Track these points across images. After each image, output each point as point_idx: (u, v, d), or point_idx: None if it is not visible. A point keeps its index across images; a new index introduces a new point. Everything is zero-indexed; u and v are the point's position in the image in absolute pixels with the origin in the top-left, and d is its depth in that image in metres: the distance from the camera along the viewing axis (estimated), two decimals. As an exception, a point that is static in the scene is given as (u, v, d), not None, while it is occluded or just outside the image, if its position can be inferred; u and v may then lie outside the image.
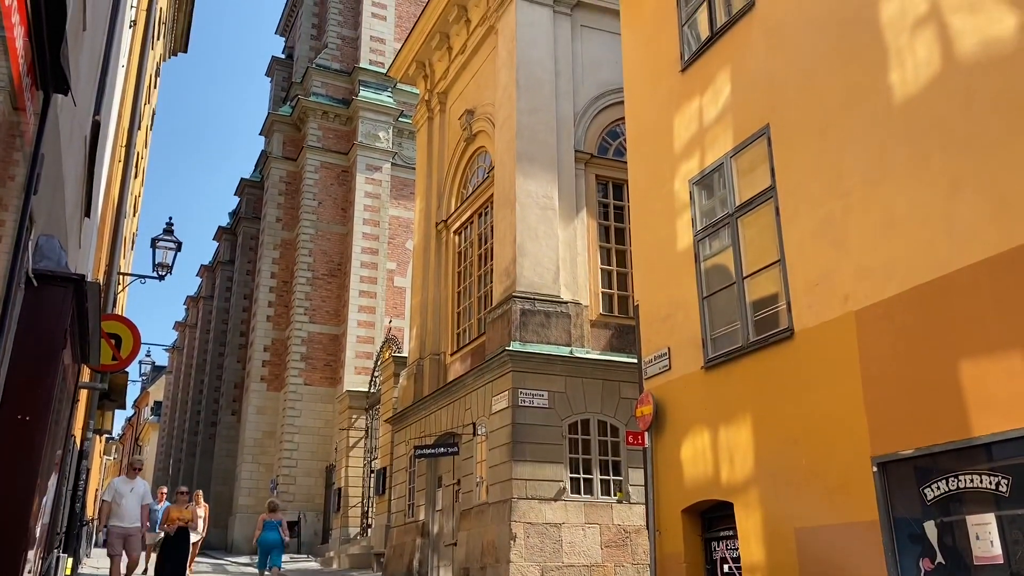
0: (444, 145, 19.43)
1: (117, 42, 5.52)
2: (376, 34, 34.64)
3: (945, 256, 5.44)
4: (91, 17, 3.81)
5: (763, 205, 7.36)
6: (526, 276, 14.23)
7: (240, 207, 40.47)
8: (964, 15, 5.61)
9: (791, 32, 7.35)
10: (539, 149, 15.22)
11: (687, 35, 9.12)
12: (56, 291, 3.21)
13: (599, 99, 16.20)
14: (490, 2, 17.28)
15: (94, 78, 4.39)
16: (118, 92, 7.31)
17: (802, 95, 7.06)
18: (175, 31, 23.52)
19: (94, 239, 7.71)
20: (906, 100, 5.96)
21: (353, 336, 30.29)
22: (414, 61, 20.72)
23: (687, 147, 8.69)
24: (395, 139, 33.49)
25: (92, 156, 4.89)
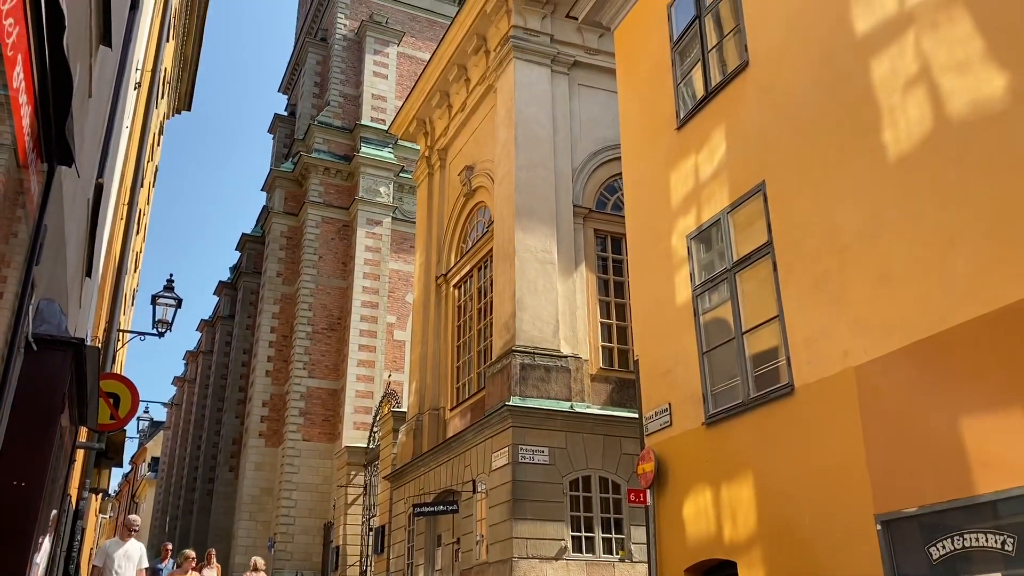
0: (444, 200, 19.61)
1: (122, 105, 5.62)
2: (377, 92, 35.20)
3: (943, 312, 5.45)
4: (97, 83, 3.89)
5: (760, 261, 7.40)
6: (525, 330, 14.23)
7: (241, 262, 40.63)
8: (954, 75, 5.71)
9: (784, 91, 7.48)
10: (538, 204, 15.36)
11: (682, 93, 9.28)
12: (55, 355, 3.22)
13: (597, 155, 16.40)
14: (489, 62, 17.61)
15: (98, 141, 4.46)
16: (121, 152, 7.41)
17: (797, 153, 7.15)
18: (179, 89, 23.90)
19: (94, 298, 7.74)
20: (899, 158, 6.04)
21: (352, 391, 30.14)
22: (415, 119, 21.03)
23: (684, 203, 8.77)
24: (396, 194, 33.79)
25: (95, 217, 4.94)
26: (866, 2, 6.64)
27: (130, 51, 5.74)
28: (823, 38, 7.09)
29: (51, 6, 1.78)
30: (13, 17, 1.52)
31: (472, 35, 18.09)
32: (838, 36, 6.89)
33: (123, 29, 4.94)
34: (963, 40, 5.69)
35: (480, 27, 17.86)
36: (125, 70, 5.22)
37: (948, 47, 5.80)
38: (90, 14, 3.23)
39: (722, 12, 8.82)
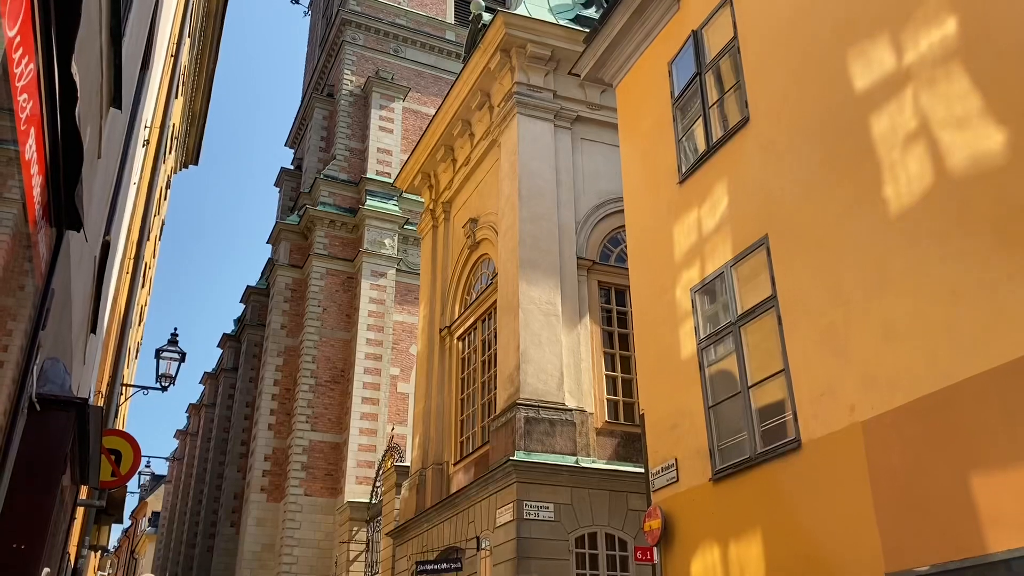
0: (448, 253, 19.70)
1: (130, 163, 5.69)
2: (383, 146, 35.63)
3: (949, 366, 5.43)
4: (106, 144, 3.95)
5: (765, 314, 7.39)
6: (530, 383, 14.16)
7: (245, 314, 40.68)
8: (953, 131, 5.78)
9: (785, 146, 7.56)
10: (542, 256, 15.42)
11: (684, 148, 9.37)
12: (59, 416, 3.21)
13: (600, 208, 16.51)
14: (493, 117, 17.85)
15: (106, 200, 4.51)
16: (129, 209, 7.49)
17: (799, 207, 7.20)
18: (187, 144, 24.22)
19: (99, 353, 7.74)
20: (901, 212, 6.07)
21: (355, 444, 29.89)
22: (420, 172, 21.25)
23: (687, 256, 8.81)
24: (400, 246, 33.96)
25: (101, 275, 4.97)
26: (864, 59, 6.75)
27: (140, 111, 5.84)
28: (822, 94, 7.18)
29: (64, 80, 1.83)
30: (28, 92, 1.56)
31: (476, 91, 18.36)
32: (837, 92, 6.98)
33: (133, 90, 5.03)
34: (961, 96, 5.77)
35: (484, 83, 18.14)
36: (134, 130, 5.30)
37: (946, 103, 5.87)
38: (102, 78, 3.30)
39: (723, 69, 8.96)
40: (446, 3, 39.67)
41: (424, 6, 39.12)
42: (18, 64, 1.47)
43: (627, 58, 11.04)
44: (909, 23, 6.31)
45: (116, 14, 3.22)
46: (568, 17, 18.14)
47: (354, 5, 37.57)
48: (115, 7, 3.15)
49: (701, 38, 9.32)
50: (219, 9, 19.06)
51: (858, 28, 6.88)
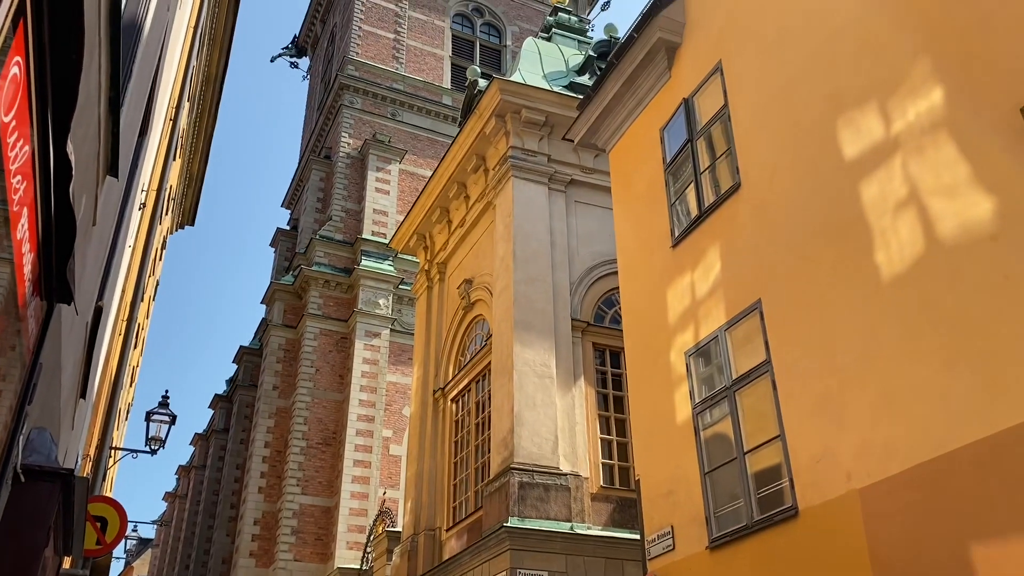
0: (442, 314, 19.68)
1: (125, 228, 5.71)
2: (379, 207, 35.91)
3: (944, 434, 5.39)
4: (102, 212, 3.97)
5: (760, 379, 7.36)
6: (524, 447, 14.01)
7: (238, 374, 40.40)
8: (942, 199, 5.85)
9: (777, 212, 7.63)
10: (536, 317, 15.41)
11: (677, 212, 9.46)
12: (43, 487, 3.15)
13: (594, 269, 16.57)
14: (488, 180, 18.04)
15: (100, 266, 4.51)
16: (123, 273, 7.49)
17: (792, 272, 7.23)
18: (184, 205, 24.38)
19: (88, 417, 7.65)
20: (893, 278, 6.10)
21: (346, 508, 29.39)
22: (415, 234, 21.37)
23: (681, 320, 8.81)
24: (395, 306, 33.96)
25: (92, 340, 4.94)
26: (853, 128, 6.87)
27: (137, 177, 5.88)
28: (813, 161, 7.29)
29: (59, 159, 1.84)
30: (22, 174, 1.57)
31: (472, 154, 18.59)
32: (827, 159, 7.08)
33: (131, 157, 5.08)
34: (949, 164, 5.85)
35: (480, 147, 18.38)
36: (131, 195, 5.33)
37: (934, 171, 5.95)
38: (99, 147, 3.33)
39: (714, 135, 9.10)
40: (443, 69, 40.45)
41: (421, 72, 39.87)
42: (12, 148, 1.48)
43: (620, 124, 11.22)
44: (896, 93, 6.44)
45: (115, 85, 3.27)
46: (562, 84, 18.48)
47: (352, 70, 38.28)
48: (115, 78, 3.19)
49: (692, 106, 9.49)
50: (218, 74, 19.39)
51: (847, 98, 7.02)
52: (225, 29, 18.06)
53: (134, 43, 4.07)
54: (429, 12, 41.11)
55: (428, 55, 40.37)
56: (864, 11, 7.07)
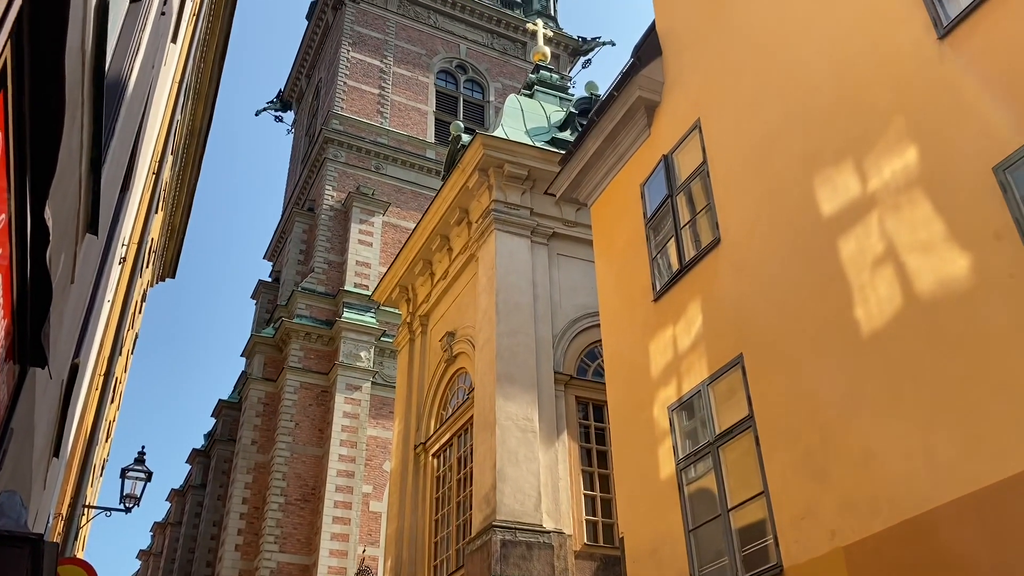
0: (424, 366, 19.57)
1: (105, 284, 5.66)
2: (362, 259, 35.93)
3: (928, 490, 5.37)
4: (81, 269, 3.93)
5: (743, 435, 7.34)
6: (507, 503, 13.83)
7: (216, 428, 39.83)
8: (919, 255, 5.92)
9: (757, 266, 7.70)
10: (519, 370, 15.34)
11: (658, 266, 9.52)
12: (11, 552, 3.05)
13: (577, 322, 16.58)
14: (471, 233, 18.12)
15: (77, 323, 4.46)
16: (101, 328, 7.40)
17: (772, 327, 7.27)
18: (165, 258, 24.28)
19: (61, 475, 7.49)
20: (873, 334, 6.14)
21: (324, 567, 28.76)
22: (397, 286, 21.34)
23: (664, 374, 8.80)
24: (376, 358, 33.75)
25: (67, 397, 4.86)
26: (830, 185, 6.98)
27: (117, 232, 5.86)
28: (791, 218, 7.38)
29: (37, 225, 1.83)
30: (-4, 241, 1.57)
31: (455, 208, 18.70)
32: (805, 216, 7.17)
33: (111, 213, 5.06)
34: (925, 222, 5.94)
35: (463, 200, 18.50)
36: (110, 251, 5.30)
37: (911, 228, 6.04)
38: (79, 206, 3.31)
39: (694, 190, 9.21)
40: (427, 123, 40.90)
41: (406, 126, 40.30)
42: (-12, 215, 1.47)
43: (600, 180, 11.34)
44: (872, 151, 6.56)
45: (97, 144, 3.27)
46: (544, 139, 18.72)
47: (337, 125, 38.64)
48: (96, 138, 3.20)
49: (672, 162, 9.63)
50: (203, 127, 19.50)
51: (823, 155, 7.15)
52: (210, 84, 18.22)
53: (118, 101, 4.08)
54: (414, 68, 41.73)
55: (412, 110, 40.86)
56: (839, 70, 7.24)
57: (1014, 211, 5.30)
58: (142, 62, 4.92)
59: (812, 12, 7.79)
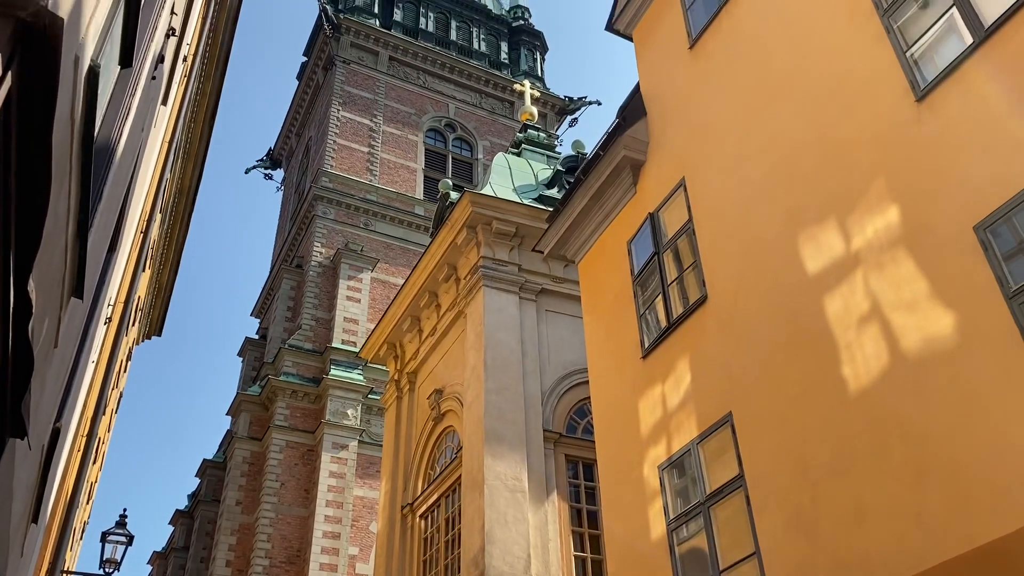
0: (412, 425, 19.38)
1: (89, 346, 5.62)
2: (350, 315, 35.84)
3: (920, 550, 5.32)
4: (64, 333, 3.90)
5: (733, 494, 7.27)
6: (496, 566, 13.58)
7: (200, 489, 39.15)
8: (904, 313, 5.96)
9: (744, 324, 7.72)
10: (507, 428, 15.21)
11: (647, 323, 9.53)
12: (-17, 626, 2.97)
13: (566, 378, 16.51)
14: (459, 289, 18.15)
15: (60, 387, 4.41)
16: (84, 389, 7.32)
17: (760, 384, 7.26)
18: (151, 316, 24.14)
19: (39, 541, 7.31)
20: (860, 392, 6.14)
21: (309, 633, 28.05)
22: (385, 343, 21.26)
23: (654, 432, 8.75)
24: (363, 416, 33.42)
25: (48, 463, 4.77)
26: (814, 243, 7.05)
27: (103, 293, 5.84)
28: (776, 275, 7.43)
29: (20, 298, 1.83)
30: (-23, 317, 1.56)
31: (443, 264, 18.76)
32: (790, 274, 7.23)
33: (98, 274, 5.05)
34: (908, 280, 6.00)
35: (451, 257, 18.57)
36: (96, 313, 5.27)
37: (895, 287, 6.09)
38: (64, 270, 3.31)
39: (680, 248, 9.28)
40: (416, 180, 41.27)
41: (395, 183, 40.63)
42: (-30, 291, 1.47)
43: (588, 237, 11.42)
44: (854, 210, 6.65)
45: (85, 209, 3.28)
46: (532, 197, 18.90)
47: (326, 182, 38.92)
48: (84, 203, 3.21)
49: (658, 220, 9.72)
50: (192, 186, 19.60)
51: (807, 214, 7.24)
52: (200, 142, 18.37)
53: (107, 165, 4.10)
54: (403, 127, 42.26)
55: (401, 167, 41.25)
56: (820, 131, 7.38)
57: (995, 269, 5.36)
58: (132, 126, 4.96)
59: (792, 75, 7.97)
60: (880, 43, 6.88)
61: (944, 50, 6.38)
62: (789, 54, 8.07)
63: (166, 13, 5.38)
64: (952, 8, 6.30)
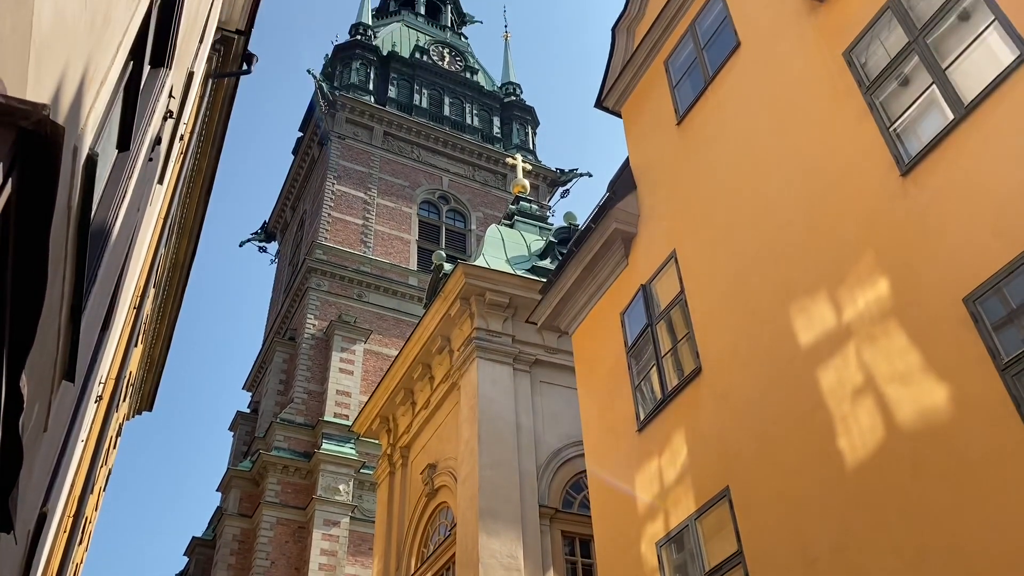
0: (405, 501, 19.06)
1: (79, 426, 5.56)
2: (342, 388, 35.56)
3: (927, 631, 5.20)
4: (55, 416, 3.87)
5: (732, 571, 7.13)
6: (491, 646, 13.19)
7: (189, 568, 38.18)
8: (898, 386, 5.95)
9: (739, 397, 7.69)
10: (502, 504, 14.96)
11: (642, 394, 9.48)
12: None
13: (561, 452, 16.33)
14: (453, 361, 18.08)
15: (48, 470, 4.34)
16: (72, 470, 7.21)
17: (757, 459, 7.19)
18: (142, 391, 23.92)
19: (20, 628, 7.08)
20: (857, 466, 6.09)
21: None
22: (378, 416, 21.07)
23: (651, 507, 8.62)
24: (356, 491, 32.87)
25: (33, 547, 4.66)
26: (805, 315, 7.08)
27: (95, 372, 5.80)
28: (769, 348, 7.44)
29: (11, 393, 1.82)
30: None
31: (437, 336, 18.73)
32: (783, 347, 7.24)
33: (90, 354, 5.02)
34: (901, 353, 6.01)
35: (445, 329, 18.56)
36: (87, 393, 5.22)
37: (888, 359, 6.10)
38: (56, 354, 3.29)
39: (674, 318, 9.31)
40: (409, 251, 41.53)
41: (388, 254, 40.86)
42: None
43: (581, 308, 11.46)
44: (844, 284, 6.70)
45: (79, 293, 3.28)
46: (525, 268, 19.01)
47: (320, 254, 39.12)
48: (78, 288, 3.21)
49: (650, 291, 9.77)
50: (186, 260, 19.66)
51: (797, 286, 7.29)
52: (195, 218, 18.50)
53: (102, 247, 4.13)
54: (397, 200, 42.74)
55: (395, 239, 41.56)
56: (808, 205, 7.49)
57: (987, 341, 5.38)
58: (128, 206, 5.01)
59: (778, 150, 8.12)
60: (864, 119, 7.04)
61: (927, 125, 6.54)
62: (775, 130, 8.25)
63: (164, 97, 5.49)
64: (932, 85, 6.47)
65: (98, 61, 2.99)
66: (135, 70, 4.27)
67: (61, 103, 2.18)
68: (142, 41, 4.21)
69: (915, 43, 6.68)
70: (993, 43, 6.06)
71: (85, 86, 2.68)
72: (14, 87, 1.55)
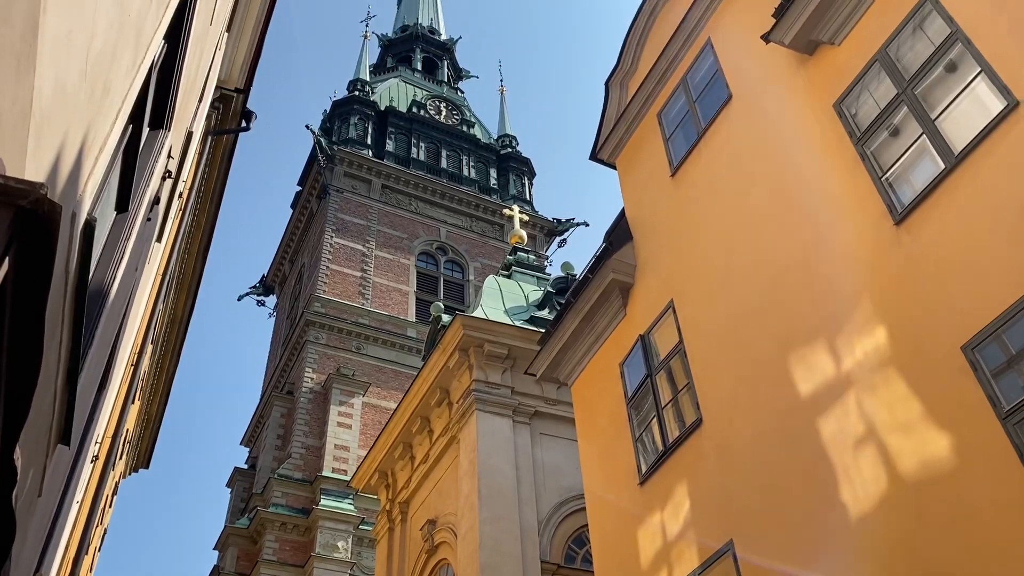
0: (405, 557, 18.75)
1: (74, 488, 5.49)
2: (341, 442, 35.23)
3: None
4: (50, 480, 3.82)
5: (739, 627, 6.99)
6: None
7: (184, 629, 37.38)
8: (900, 435, 5.91)
9: (741, 448, 7.63)
10: (504, 561, 14.72)
11: (643, 445, 9.40)
12: None
13: (562, 505, 16.12)
14: (452, 414, 17.96)
15: (42, 535, 4.27)
16: (67, 533, 7.10)
17: (760, 512, 7.10)
18: (139, 448, 23.70)
19: None
20: (861, 516, 6.02)
21: None
22: (376, 471, 20.85)
23: (654, 562, 8.48)
24: (355, 548, 32.35)
25: (24, 615, 4.56)
26: (805, 365, 7.06)
27: (91, 433, 5.75)
28: (769, 398, 7.40)
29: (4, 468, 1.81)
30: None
31: (435, 388, 18.63)
32: (783, 397, 7.20)
33: (86, 415, 4.99)
34: (901, 401, 5.98)
35: (443, 381, 18.47)
36: (83, 454, 5.18)
37: (888, 408, 6.07)
38: (52, 418, 3.27)
39: (673, 368, 9.27)
40: (407, 303, 41.54)
41: (387, 306, 40.85)
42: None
43: (580, 359, 11.42)
44: (842, 333, 6.70)
45: (75, 357, 3.27)
46: (523, 318, 19.00)
47: (319, 307, 39.11)
48: (75, 351, 3.21)
49: (649, 342, 9.75)
50: (184, 316, 19.64)
51: (795, 336, 7.28)
52: (193, 273, 18.53)
53: (99, 308, 4.13)
54: (395, 252, 42.91)
55: (393, 291, 41.60)
56: (803, 254, 7.52)
57: (987, 389, 5.36)
58: (126, 266, 5.03)
59: (772, 200, 8.19)
60: (856, 169, 7.11)
61: (918, 174, 6.60)
62: (768, 180, 8.33)
63: (163, 158, 5.55)
64: (923, 135, 6.55)
65: (98, 127, 3.03)
66: (134, 133, 4.32)
67: (60, 173, 2.20)
68: (141, 104, 4.27)
69: (904, 94, 6.79)
70: (981, 93, 6.15)
71: (84, 153, 2.71)
72: (13, 162, 1.57)
